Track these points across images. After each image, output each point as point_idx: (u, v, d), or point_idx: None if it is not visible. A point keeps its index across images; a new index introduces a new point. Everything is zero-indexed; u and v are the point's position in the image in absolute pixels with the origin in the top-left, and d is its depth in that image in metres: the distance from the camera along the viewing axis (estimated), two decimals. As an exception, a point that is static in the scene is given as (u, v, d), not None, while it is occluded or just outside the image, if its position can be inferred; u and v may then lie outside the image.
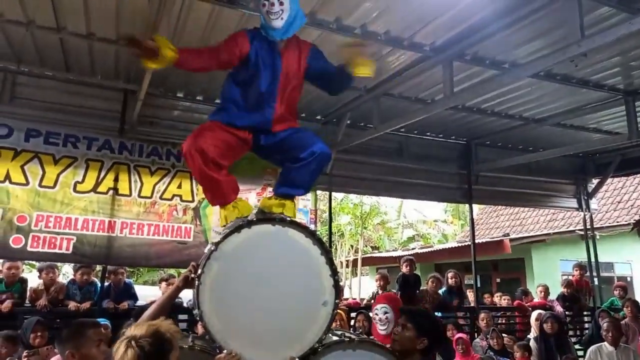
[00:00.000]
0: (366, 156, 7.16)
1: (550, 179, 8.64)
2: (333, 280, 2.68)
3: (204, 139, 2.59)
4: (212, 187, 2.72)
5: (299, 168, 2.78)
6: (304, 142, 2.79)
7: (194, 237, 5.84)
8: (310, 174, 2.82)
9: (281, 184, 2.88)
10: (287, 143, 2.83)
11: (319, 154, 2.74)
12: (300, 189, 2.89)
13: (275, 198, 2.86)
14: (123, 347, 1.81)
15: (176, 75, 5.57)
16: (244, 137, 2.78)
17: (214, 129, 2.70)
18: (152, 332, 1.86)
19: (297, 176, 2.82)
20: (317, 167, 2.80)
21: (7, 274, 5.05)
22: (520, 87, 5.70)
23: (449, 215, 24.75)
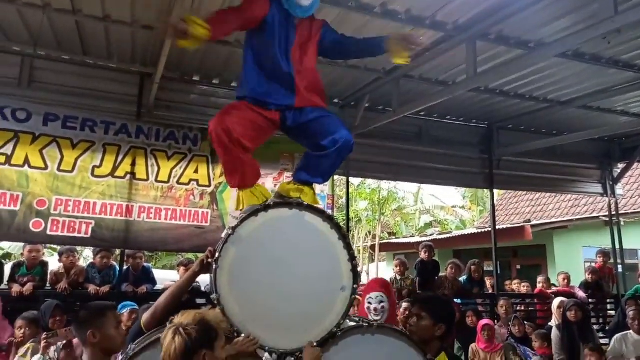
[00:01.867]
0: (385, 140, 7.04)
1: (574, 164, 8.42)
2: (351, 265, 2.61)
3: (230, 118, 2.54)
4: (234, 167, 2.66)
5: (320, 157, 2.73)
6: (328, 128, 2.73)
7: (211, 221, 5.83)
8: (332, 164, 2.78)
9: (301, 170, 2.83)
10: (311, 127, 2.77)
11: (342, 143, 2.67)
12: (319, 178, 2.84)
13: (294, 183, 2.81)
14: (170, 334, 1.84)
15: (192, 59, 5.53)
16: (272, 117, 2.71)
17: (242, 109, 2.64)
18: (199, 320, 1.89)
19: (317, 165, 2.77)
20: (338, 158, 2.74)
21: (28, 257, 5.11)
22: (545, 68, 5.50)
23: (467, 201, 24.46)
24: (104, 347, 2.41)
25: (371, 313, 3.35)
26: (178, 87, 6.00)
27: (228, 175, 2.73)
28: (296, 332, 2.45)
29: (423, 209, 23.74)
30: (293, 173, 2.91)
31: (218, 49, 5.21)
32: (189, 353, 1.82)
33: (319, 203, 2.88)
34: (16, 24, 4.78)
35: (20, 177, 5.12)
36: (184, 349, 1.81)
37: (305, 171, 2.79)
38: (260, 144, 2.75)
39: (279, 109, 2.72)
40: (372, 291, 3.44)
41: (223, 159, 2.65)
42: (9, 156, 5.10)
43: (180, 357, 1.81)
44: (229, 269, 2.43)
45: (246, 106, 2.66)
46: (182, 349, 1.81)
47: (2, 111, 5.14)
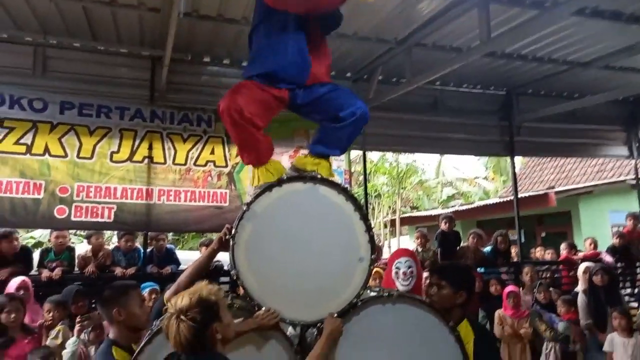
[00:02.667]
0: (400, 112, 6.95)
1: (598, 127, 8.18)
2: (368, 236, 2.60)
3: (241, 97, 2.52)
4: (248, 146, 2.66)
5: (337, 129, 2.71)
6: (343, 100, 2.71)
7: (230, 201, 5.87)
8: (349, 135, 2.76)
9: (317, 142, 2.81)
10: (324, 101, 2.74)
11: (359, 114, 2.68)
12: (337, 150, 2.83)
13: (311, 156, 2.79)
14: (174, 322, 1.84)
15: (201, 40, 5.50)
16: (281, 95, 2.69)
17: (251, 88, 2.62)
18: (197, 301, 1.88)
19: (335, 136, 2.76)
20: (355, 128, 2.74)
21: (55, 243, 5.25)
22: (563, 28, 5.31)
23: (489, 171, 24.11)
24: (130, 325, 2.46)
25: (399, 278, 3.32)
26: (189, 69, 6.00)
27: (241, 153, 2.73)
28: (316, 304, 2.46)
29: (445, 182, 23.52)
30: (309, 145, 2.89)
31: (226, 28, 5.17)
32: (200, 334, 1.84)
33: (334, 176, 2.87)
34: (25, 12, 4.81)
35: (42, 166, 5.22)
36: (192, 332, 1.82)
37: (321, 144, 2.78)
38: (269, 121, 2.73)
39: (289, 87, 2.70)
40: (401, 256, 3.43)
41: (236, 138, 2.64)
42: (29, 146, 5.21)
43: (193, 340, 1.83)
44: (246, 245, 2.44)
45: (255, 85, 2.64)
46: (191, 334, 1.82)
47: (20, 101, 5.23)
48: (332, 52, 2.88)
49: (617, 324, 4.81)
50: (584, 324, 5.34)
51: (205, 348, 1.87)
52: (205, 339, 1.86)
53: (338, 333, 2.34)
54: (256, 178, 2.74)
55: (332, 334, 2.31)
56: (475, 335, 2.44)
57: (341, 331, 2.35)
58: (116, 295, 2.50)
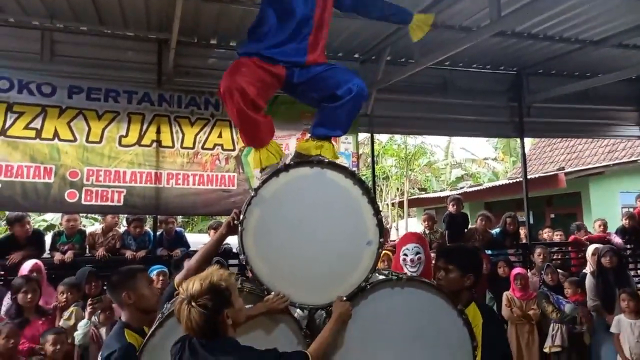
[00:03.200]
0: (409, 94, 6.89)
1: (609, 107, 8.04)
2: (376, 219, 2.60)
3: (242, 77, 2.48)
4: (250, 128, 2.64)
5: (336, 108, 2.67)
6: (340, 78, 2.66)
7: (237, 184, 5.90)
8: (348, 113, 2.71)
9: (318, 125, 2.78)
10: (321, 79, 2.70)
11: (356, 91, 2.62)
12: (338, 130, 2.79)
13: (313, 140, 2.77)
14: (186, 308, 1.86)
15: (207, 22, 5.45)
16: (278, 72, 2.65)
17: (250, 66, 2.57)
18: (208, 288, 1.89)
19: (334, 116, 2.71)
20: (355, 106, 2.68)
21: (67, 226, 5.33)
22: (575, 6, 5.19)
23: (499, 152, 23.94)
24: (140, 307, 2.50)
25: (407, 265, 3.32)
26: (196, 52, 5.97)
27: (242, 134, 2.71)
28: (325, 288, 2.48)
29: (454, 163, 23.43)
30: (310, 128, 2.87)
31: (232, 10, 5.12)
32: (212, 320, 1.87)
33: (339, 158, 2.86)
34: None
35: (52, 150, 5.27)
36: (204, 318, 1.85)
37: (322, 126, 2.75)
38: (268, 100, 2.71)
39: (287, 65, 2.67)
40: (408, 243, 3.42)
41: (237, 119, 2.60)
42: (39, 130, 5.24)
43: (204, 326, 1.86)
44: (254, 230, 2.45)
45: (254, 63, 2.59)
46: (202, 319, 1.85)
47: (28, 86, 5.25)
48: (340, 32, 2.85)
49: (625, 305, 4.81)
50: (592, 305, 5.35)
51: (216, 333, 1.90)
52: (216, 324, 1.89)
53: (347, 316, 2.36)
54: (258, 160, 2.72)
55: (341, 317, 2.33)
56: (483, 319, 2.46)
57: (350, 314, 2.37)
58: (124, 279, 2.54)
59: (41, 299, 4.04)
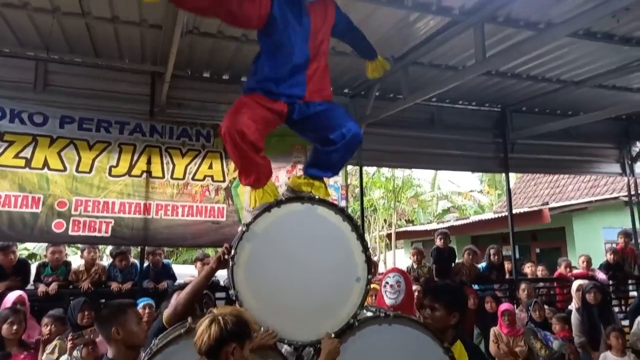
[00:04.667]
0: (397, 128, 7.02)
1: (591, 144, 8.27)
2: (365, 256, 2.65)
3: (242, 118, 2.53)
4: (248, 168, 2.69)
5: (329, 153, 2.76)
6: (335, 121, 2.75)
7: (227, 216, 5.90)
8: (340, 158, 2.82)
9: (310, 165, 2.86)
10: (318, 120, 2.79)
11: (350, 137, 2.71)
12: (330, 172, 2.90)
13: (305, 177, 2.84)
14: (207, 321, 1.95)
15: (201, 56, 5.57)
16: (280, 109, 2.73)
17: (251, 105, 2.64)
18: (237, 314, 2.01)
19: (327, 159, 2.81)
20: (347, 151, 2.78)
21: (51, 259, 5.25)
22: (557, 48, 5.41)
23: (484, 185, 24.24)
24: (128, 343, 2.49)
25: (387, 292, 3.41)
26: (189, 84, 6.05)
27: (241, 174, 2.77)
28: (314, 324, 2.50)
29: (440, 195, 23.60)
30: (303, 167, 2.94)
31: (226, 45, 5.24)
32: (221, 342, 1.91)
33: (330, 196, 2.92)
34: (28, 29, 4.86)
35: (41, 180, 5.24)
36: (218, 336, 1.90)
37: (315, 167, 2.83)
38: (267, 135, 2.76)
39: (288, 100, 2.73)
40: (390, 272, 3.60)
41: (236, 160, 2.67)
42: (28, 159, 5.22)
43: (213, 343, 1.91)
44: (245, 265, 2.48)
45: (255, 102, 2.66)
46: (216, 337, 1.90)
47: (20, 115, 5.26)
48: (330, 69, 2.96)
49: (611, 342, 4.85)
50: (578, 341, 5.38)
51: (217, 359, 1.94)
52: (222, 350, 1.93)
53: (335, 354, 2.37)
54: (254, 200, 2.77)
55: (330, 355, 2.34)
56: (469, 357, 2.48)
57: (338, 352, 2.39)
58: (113, 314, 2.53)
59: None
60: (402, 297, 3.40)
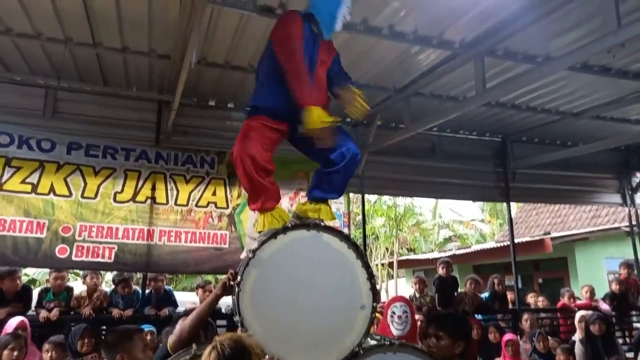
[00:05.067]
0: (399, 157, 7.10)
1: (591, 174, 8.34)
2: (370, 283, 2.66)
3: (252, 142, 2.62)
4: (258, 193, 2.73)
5: (330, 173, 2.81)
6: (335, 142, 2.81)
7: (229, 243, 5.92)
8: (343, 178, 2.85)
9: (314, 188, 2.90)
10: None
11: (349, 156, 2.77)
12: (334, 193, 2.92)
13: (310, 203, 2.88)
14: (209, 349, 1.93)
15: (207, 85, 5.70)
16: (282, 129, 2.81)
17: (258, 128, 2.71)
18: (236, 340, 1.97)
19: (329, 181, 2.85)
20: (348, 171, 2.82)
21: (54, 284, 5.24)
22: (555, 81, 5.54)
23: (486, 214, 24.22)
24: (133, 370, 2.49)
25: (394, 322, 3.44)
26: (194, 112, 6.16)
27: (251, 199, 2.81)
28: (318, 351, 2.50)
29: (441, 224, 23.57)
30: (307, 192, 2.99)
31: (232, 74, 5.37)
32: None
33: (335, 219, 2.96)
34: (40, 58, 5.00)
35: (46, 205, 5.29)
36: None
37: (318, 189, 2.87)
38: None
39: (289, 122, 2.81)
40: (396, 302, 3.59)
41: (246, 185, 2.72)
42: (35, 185, 5.29)
43: None
44: (251, 291, 2.49)
45: (262, 124, 2.74)
46: None
47: (28, 142, 5.35)
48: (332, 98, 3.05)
49: (616, 374, 4.80)
50: (583, 373, 5.31)
51: None
52: None
53: (340, 381, 2.36)
54: (261, 223, 2.81)
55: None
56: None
57: (343, 379, 2.38)
58: (119, 341, 2.54)
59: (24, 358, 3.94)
60: (408, 327, 3.42)
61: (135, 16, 4.19)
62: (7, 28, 4.43)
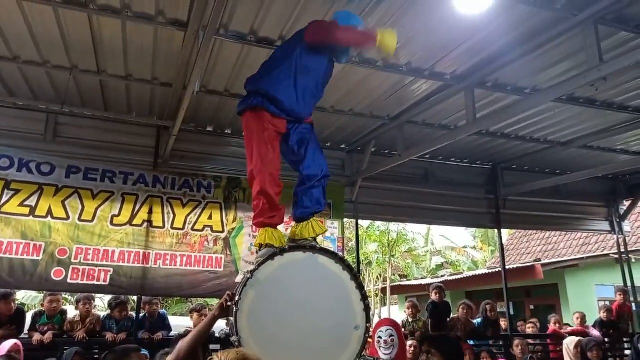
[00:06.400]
0: (392, 183, 7.23)
1: (580, 202, 8.51)
2: (363, 304, 2.76)
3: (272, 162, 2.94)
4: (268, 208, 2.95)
5: (307, 189, 3.07)
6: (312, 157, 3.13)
7: (224, 266, 5.96)
8: (321, 192, 3.12)
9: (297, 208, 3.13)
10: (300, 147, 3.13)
11: (322, 175, 3.09)
12: (318, 205, 3.11)
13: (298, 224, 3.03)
14: None
15: (206, 112, 5.84)
16: (281, 128, 3.07)
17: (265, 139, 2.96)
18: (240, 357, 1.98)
19: (309, 196, 3.09)
20: (322, 185, 3.13)
21: (49, 307, 5.26)
22: (543, 111, 5.74)
23: (477, 241, 24.31)
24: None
25: (381, 347, 3.54)
26: (192, 137, 6.28)
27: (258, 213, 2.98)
28: (313, 371, 2.57)
29: (434, 250, 23.61)
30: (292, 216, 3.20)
31: (231, 102, 5.50)
32: None
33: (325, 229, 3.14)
34: (44, 84, 5.13)
35: (44, 228, 5.33)
36: None
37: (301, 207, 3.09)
38: None
39: (289, 119, 3.07)
40: (382, 326, 3.70)
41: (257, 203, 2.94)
42: (33, 207, 5.33)
43: None
44: (249, 311, 2.58)
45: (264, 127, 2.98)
46: None
47: (28, 165, 5.42)
48: (328, 126, 3.29)
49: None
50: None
51: None
52: None
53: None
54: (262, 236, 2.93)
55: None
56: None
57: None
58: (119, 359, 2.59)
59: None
60: (396, 351, 3.50)
61: (140, 46, 4.35)
62: (15, 56, 4.57)
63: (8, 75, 4.99)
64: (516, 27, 4.05)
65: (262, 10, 3.86)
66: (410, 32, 4.14)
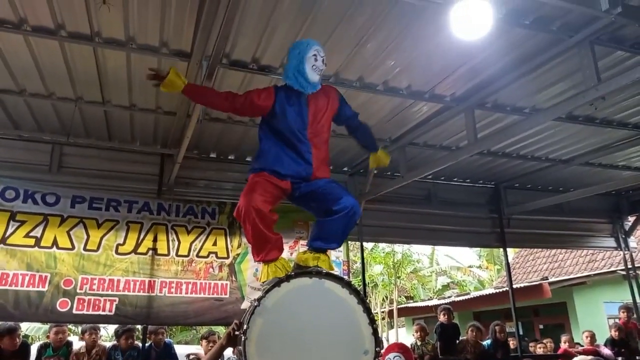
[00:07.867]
0: (395, 205, 7.24)
1: (584, 219, 8.50)
2: (372, 328, 2.73)
3: (258, 196, 2.73)
4: (263, 244, 2.83)
5: (332, 222, 2.89)
6: (337, 194, 2.92)
7: (230, 293, 5.92)
8: (343, 229, 2.93)
9: (315, 238, 3.00)
10: (321, 194, 2.95)
11: (350, 208, 2.86)
12: (334, 243, 3.00)
13: (310, 252, 2.98)
14: None
15: (209, 139, 5.90)
16: (285, 187, 2.93)
17: (262, 183, 2.84)
18: None
19: (330, 230, 2.93)
20: (349, 222, 2.90)
21: (54, 339, 5.23)
22: (543, 130, 5.78)
23: (483, 260, 24.13)
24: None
25: None
26: (196, 164, 6.33)
27: (255, 250, 2.91)
28: (323, 399, 2.53)
29: (439, 271, 23.41)
30: (308, 242, 3.09)
31: (234, 129, 5.59)
32: None
33: (334, 269, 3.05)
34: (49, 115, 5.21)
35: (49, 258, 5.32)
36: None
37: (319, 239, 2.96)
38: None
39: (294, 180, 2.94)
40: (390, 352, 3.56)
41: (252, 237, 2.81)
42: (38, 238, 5.33)
43: None
44: (257, 339, 2.55)
45: (265, 179, 2.87)
46: None
47: (33, 196, 5.45)
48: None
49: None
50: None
51: None
52: None
53: None
54: (265, 273, 2.90)
55: None
56: None
57: None
58: None
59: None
60: None
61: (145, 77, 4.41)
62: (21, 89, 4.66)
63: (13, 108, 5.07)
64: (513, 49, 4.12)
65: (264, 39, 3.94)
66: (410, 57, 4.21)
